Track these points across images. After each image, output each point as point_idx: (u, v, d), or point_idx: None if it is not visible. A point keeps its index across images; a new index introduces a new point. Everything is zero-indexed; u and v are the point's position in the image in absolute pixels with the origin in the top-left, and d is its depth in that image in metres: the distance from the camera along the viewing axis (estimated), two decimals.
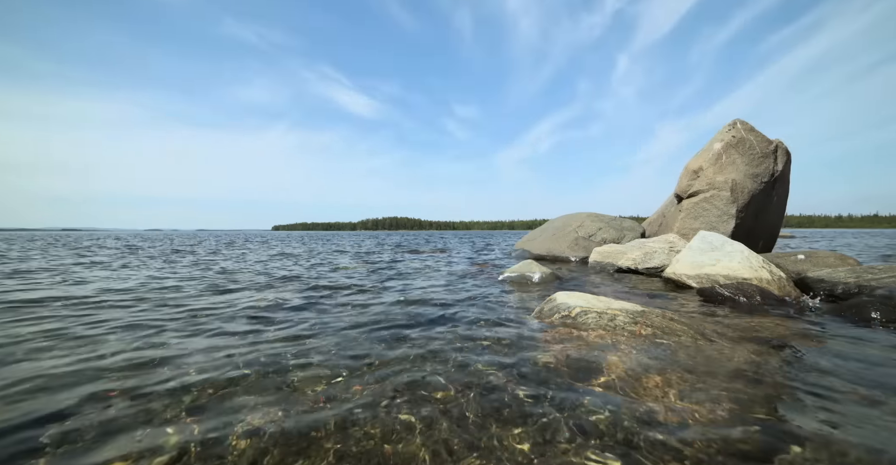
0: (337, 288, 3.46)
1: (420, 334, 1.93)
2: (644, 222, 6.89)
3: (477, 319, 2.24)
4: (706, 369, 1.40)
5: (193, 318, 2.33)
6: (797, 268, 3.43)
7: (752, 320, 2.16)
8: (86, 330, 2.05)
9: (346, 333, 1.97)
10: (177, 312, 2.50)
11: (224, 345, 1.78)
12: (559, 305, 2.14)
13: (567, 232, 6.17)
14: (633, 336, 1.74)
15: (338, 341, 1.83)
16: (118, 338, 1.90)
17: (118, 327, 2.10)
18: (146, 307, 2.64)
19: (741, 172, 4.89)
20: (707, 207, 4.96)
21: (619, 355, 1.52)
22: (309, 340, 1.85)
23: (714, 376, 1.34)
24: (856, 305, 2.22)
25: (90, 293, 3.19)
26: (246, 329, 2.05)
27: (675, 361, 1.47)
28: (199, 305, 2.73)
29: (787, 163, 5.35)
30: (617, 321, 1.88)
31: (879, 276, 2.56)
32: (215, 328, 2.08)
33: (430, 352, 1.64)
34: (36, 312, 2.49)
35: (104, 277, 4.35)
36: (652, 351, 1.57)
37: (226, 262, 6.45)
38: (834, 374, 1.37)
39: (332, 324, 2.16)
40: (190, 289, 3.45)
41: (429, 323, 2.17)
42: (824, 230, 55.40)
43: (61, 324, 2.18)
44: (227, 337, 1.91)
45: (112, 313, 2.47)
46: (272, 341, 1.82)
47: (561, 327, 1.94)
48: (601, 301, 2.14)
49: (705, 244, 3.55)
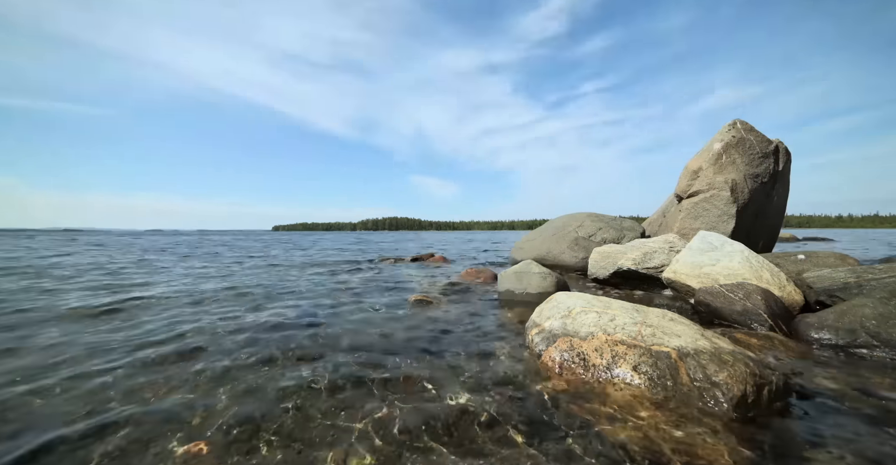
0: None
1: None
2: (644, 222, 6.88)
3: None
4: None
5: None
6: (797, 268, 3.43)
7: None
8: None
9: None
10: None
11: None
12: (559, 304, 2.14)
13: (567, 232, 6.17)
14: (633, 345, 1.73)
15: None
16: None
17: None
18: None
19: (741, 172, 4.89)
20: (707, 208, 4.95)
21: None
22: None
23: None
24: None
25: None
26: None
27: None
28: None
29: (787, 163, 5.35)
30: (617, 321, 1.87)
31: (879, 276, 2.56)
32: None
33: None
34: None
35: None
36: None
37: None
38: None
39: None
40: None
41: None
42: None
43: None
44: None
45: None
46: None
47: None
48: (601, 301, 2.14)
49: (705, 244, 3.54)
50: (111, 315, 3.00)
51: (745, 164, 4.95)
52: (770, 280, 2.87)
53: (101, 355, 2.04)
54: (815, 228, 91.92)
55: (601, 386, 1.57)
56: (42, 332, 2.51)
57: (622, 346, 1.68)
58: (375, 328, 2.59)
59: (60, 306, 3.32)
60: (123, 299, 3.55)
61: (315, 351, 2.10)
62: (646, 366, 1.55)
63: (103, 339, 2.35)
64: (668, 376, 1.48)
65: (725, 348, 1.58)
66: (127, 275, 5.49)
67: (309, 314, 3.00)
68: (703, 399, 1.37)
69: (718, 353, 1.52)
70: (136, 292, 3.97)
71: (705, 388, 1.39)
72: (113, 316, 2.98)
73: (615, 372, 1.60)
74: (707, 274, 3.18)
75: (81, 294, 3.88)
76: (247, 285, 4.61)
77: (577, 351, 1.78)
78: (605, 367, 1.65)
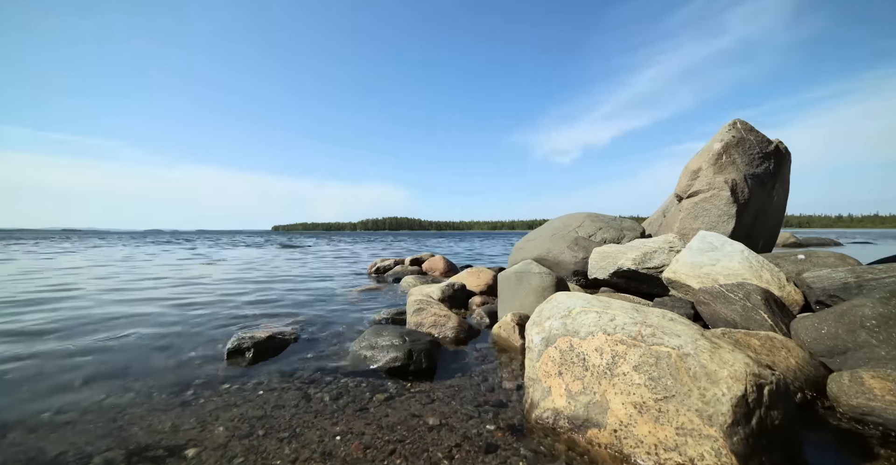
0: None
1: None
2: (644, 222, 6.88)
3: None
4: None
5: None
6: (797, 268, 3.42)
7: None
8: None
9: None
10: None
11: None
12: (559, 304, 2.13)
13: (567, 232, 6.17)
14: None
15: None
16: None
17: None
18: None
19: (741, 172, 4.89)
20: (707, 208, 4.95)
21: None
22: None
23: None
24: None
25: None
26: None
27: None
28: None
29: (787, 163, 5.35)
30: (617, 321, 1.87)
31: (879, 276, 2.56)
32: None
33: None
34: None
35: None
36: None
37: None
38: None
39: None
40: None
41: None
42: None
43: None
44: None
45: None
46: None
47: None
48: (600, 301, 2.14)
49: (705, 244, 3.54)
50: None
51: (745, 164, 4.95)
52: (770, 280, 2.87)
53: None
54: (815, 228, 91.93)
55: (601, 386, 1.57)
56: None
57: (622, 346, 1.67)
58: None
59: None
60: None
61: None
62: (646, 366, 1.55)
63: None
64: (668, 376, 1.48)
65: (725, 348, 1.58)
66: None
67: None
68: (704, 399, 1.37)
69: (719, 353, 1.52)
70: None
71: (705, 387, 1.39)
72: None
73: (615, 372, 1.60)
74: (707, 274, 3.18)
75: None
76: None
77: (577, 351, 1.78)
78: (605, 367, 1.64)
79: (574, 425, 1.63)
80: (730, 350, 1.56)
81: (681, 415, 1.38)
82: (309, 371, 2.26)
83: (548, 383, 1.81)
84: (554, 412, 1.72)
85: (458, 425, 1.65)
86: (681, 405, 1.40)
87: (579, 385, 1.69)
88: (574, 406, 1.66)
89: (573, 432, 1.62)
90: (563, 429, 1.66)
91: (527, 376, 1.97)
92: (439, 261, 7.61)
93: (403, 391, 2.00)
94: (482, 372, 2.29)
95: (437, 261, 7.63)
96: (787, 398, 1.42)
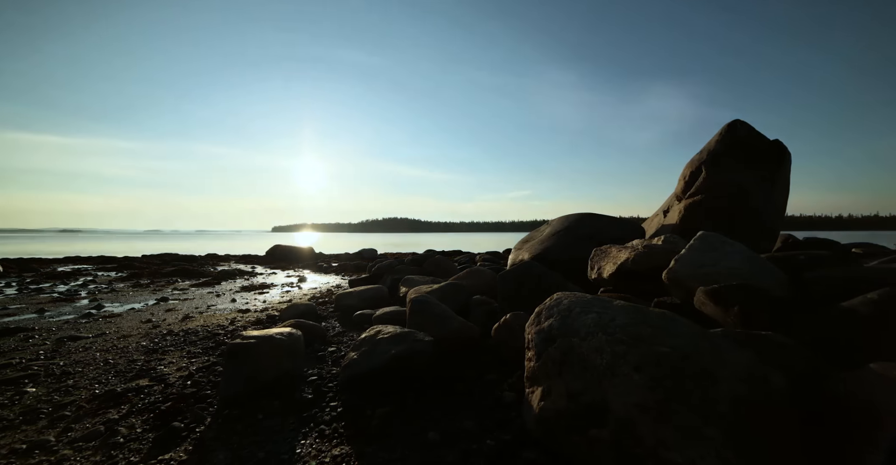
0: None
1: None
2: (644, 223, 6.89)
3: None
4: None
5: None
6: (797, 268, 3.42)
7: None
8: None
9: None
10: None
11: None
12: (558, 304, 2.13)
13: (566, 232, 6.17)
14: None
15: None
16: None
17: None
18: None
19: (741, 173, 4.89)
20: (707, 208, 4.96)
21: None
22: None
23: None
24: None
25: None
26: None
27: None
28: None
29: (786, 163, 5.35)
30: (617, 321, 1.87)
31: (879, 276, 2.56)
32: None
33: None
34: None
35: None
36: None
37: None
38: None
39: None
40: None
41: None
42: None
43: None
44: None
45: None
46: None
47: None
48: (600, 301, 2.13)
49: (705, 244, 3.54)
50: None
51: (745, 164, 4.95)
52: (770, 280, 2.87)
53: None
54: (816, 229, 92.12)
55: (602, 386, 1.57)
56: None
57: (622, 346, 1.67)
58: None
59: None
60: None
61: None
62: (647, 366, 1.55)
63: None
64: (668, 376, 1.48)
65: (726, 348, 1.58)
66: None
67: None
68: (704, 400, 1.36)
69: (719, 353, 1.52)
70: None
71: (706, 388, 1.39)
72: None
73: (616, 372, 1.60)
74: (707, 274, 3.18)
75: None
76: None
77: (577, 352, 1.77)
78: (605, 367, 1.64)
79: (574, 425, 1.62)
80: (730, 351, 1.55)
81: (681, 415, 1.38)
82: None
83: (548, 384, 1.81)
84: (554, 412, 1.71)
85: (459, 425, 1.65)
86: (681, 405, 1.40)
87: (580, 386, 1.68)
88: (574, 407, 1.65)
89: (574, 433, 1.62)
90: (563, 430, 1.65)
91: (527, 376, 1.97)
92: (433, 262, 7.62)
93: (403, 393, 1.99)
94: (482, 373, 2.29)
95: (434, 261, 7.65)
96: (787, 398, 1.42)
